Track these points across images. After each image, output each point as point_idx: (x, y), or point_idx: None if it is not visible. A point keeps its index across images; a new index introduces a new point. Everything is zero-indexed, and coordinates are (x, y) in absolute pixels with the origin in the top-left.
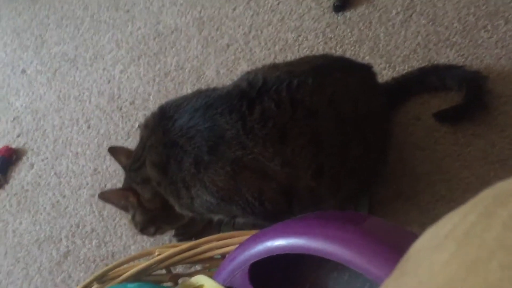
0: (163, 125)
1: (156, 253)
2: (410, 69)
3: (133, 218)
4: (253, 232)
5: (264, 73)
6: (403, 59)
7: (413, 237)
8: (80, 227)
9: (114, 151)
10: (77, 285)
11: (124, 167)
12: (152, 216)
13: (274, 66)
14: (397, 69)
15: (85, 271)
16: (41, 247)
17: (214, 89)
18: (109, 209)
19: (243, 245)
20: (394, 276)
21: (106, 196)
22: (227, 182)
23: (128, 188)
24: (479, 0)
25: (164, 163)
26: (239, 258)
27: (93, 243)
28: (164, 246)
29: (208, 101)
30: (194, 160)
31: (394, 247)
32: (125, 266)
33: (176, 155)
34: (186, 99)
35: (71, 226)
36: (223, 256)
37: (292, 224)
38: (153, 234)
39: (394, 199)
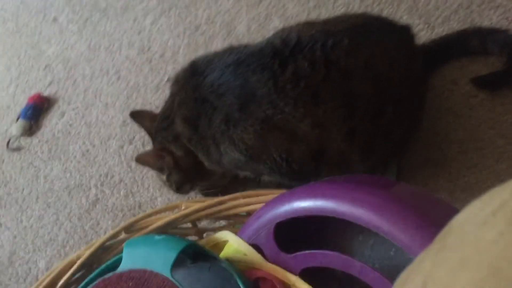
0: (193, 81)
1: (183, 207)
2: (450, 31)
3: (168, 178)
4: (280, 191)
5: (299, 31)
6: (443, 20)
7: (442, 204)
8: (109, 177)
9: (137, 116)
10: (105, 233)
11: (149, 131)
12: (188, 174)
13: (309, 24)
14: (436, 30)
15: (113, 219)
16: (71, 194)
17: (246, 46)
18: None
19: (269, 204)
20: (434, 249)
21: (142, 159)
22: (256, 141)
23: (162, 147)
24: None
25: (194, 118)
26: (265, 217)
27: (121, 193)
28: (190, 200)
29: (240, 58)
30: (225, 117)
31: (423, 215)
32: (152, 217)
33: (206, 111)
34: (217, 55)
35: (100, 175)
36: (249, 213)
37: (320, 186)
38: (188, 192)
39: (424, 165)
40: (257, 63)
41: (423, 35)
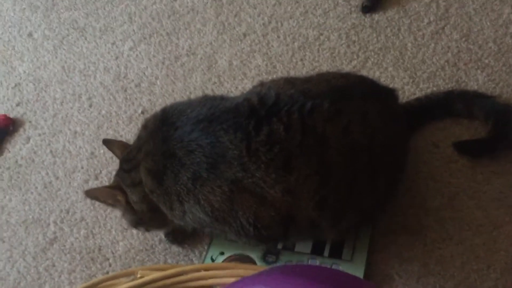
0: (163, 131)
1: (138, 275)
2: (434, 88)
3: (123, 216)
4: (246, 267)
5: (278, 89)
6: (429, 76)
7: None
8: (70, 214)
9: (109, 143)
10: (59, 277)
11: (119, 158)
12: (140, 217)
13: (290, 82)
14: (420, 86)
15: (70, 262)
16: (28, 229)
17: (222, 98)
18: None
19: None
20: None
21: (93, 194)
22: (223, 203)
23: (116, 187)
24: None
25: (160, 172)
26: None
27: (81, 232)
28: (148, 267)
29: (214, 113)
30: (192, 175)
31: None
32: (103, 284)
33: (173, 167)
34: (191, 105)
35: (61, 211)
36: (210, 287)
37: (284, 282)
38: (144, 232)
39: (398, 232)
40: (231, 122)
41: (407, 89)
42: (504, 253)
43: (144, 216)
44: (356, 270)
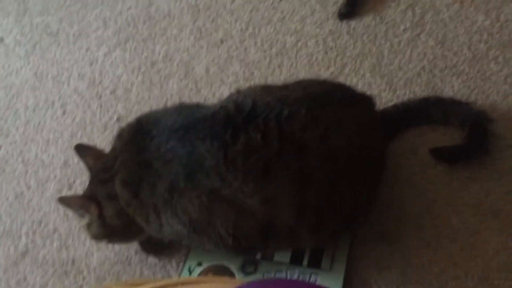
0: (138, 141)
1: None
2: (411, 95)
3: (88, 226)
4: (224, 281)
5: (255, 96)
6: (405, 83)
7: None
8: (42, 225)
9: (81, 150)
10: None
11: (90, 170)
12: (109, 232)
13: (267, 89)
14: (397, 92)
15: (42, 275)
16: None
17: (198, 106)
18: None
19: None
20: None
21: (66, 201)
22: (201, 214)
23: (92, 197)
24: (493, 27)
25: (136, 184)
26: None
27: (54, 245)
28: (123, 282)
29: (191, 122)
30: (169, 186)
31: None
32: None
33: (150, 178)
34: (166, 113)
35: (33, 222)
36: None
37: None
38: (106, 244)
39: (377, 240)
40: (208, 130)
41: (384, 96)
42: (480, 260)
43: (115, 231)
44: (335, 279)
